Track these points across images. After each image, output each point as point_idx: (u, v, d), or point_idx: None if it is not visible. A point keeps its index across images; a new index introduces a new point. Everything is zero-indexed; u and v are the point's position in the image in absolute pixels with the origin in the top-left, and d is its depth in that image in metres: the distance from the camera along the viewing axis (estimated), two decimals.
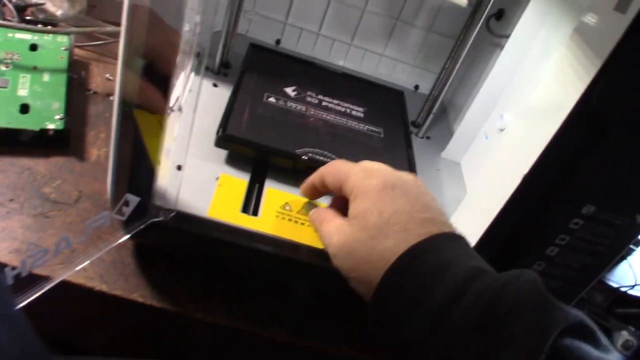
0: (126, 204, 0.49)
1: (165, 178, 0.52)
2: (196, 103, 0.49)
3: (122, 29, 0.43)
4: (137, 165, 0.50)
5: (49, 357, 0.35)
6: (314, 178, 0.53)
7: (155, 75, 0.45)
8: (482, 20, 0.68)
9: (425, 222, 0.43)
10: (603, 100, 0.44)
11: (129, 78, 0.45)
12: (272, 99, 0.67)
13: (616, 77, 0.43)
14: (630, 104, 0.44)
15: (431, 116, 0.76)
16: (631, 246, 0.75)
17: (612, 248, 0.52)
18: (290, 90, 0.70)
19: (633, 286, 0.71)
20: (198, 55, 0.48)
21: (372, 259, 0.42)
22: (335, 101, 0.72)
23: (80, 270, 0.53)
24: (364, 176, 0.47)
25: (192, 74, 0.49)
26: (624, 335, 0.69)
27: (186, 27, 0.45)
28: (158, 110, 0.48)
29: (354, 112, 0.71)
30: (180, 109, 0.49)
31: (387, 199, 0.44)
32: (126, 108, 0.47)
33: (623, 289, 0.71)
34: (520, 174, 0.49)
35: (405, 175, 0.48)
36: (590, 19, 0.48)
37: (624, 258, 0.75)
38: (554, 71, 0.51)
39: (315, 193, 0.55)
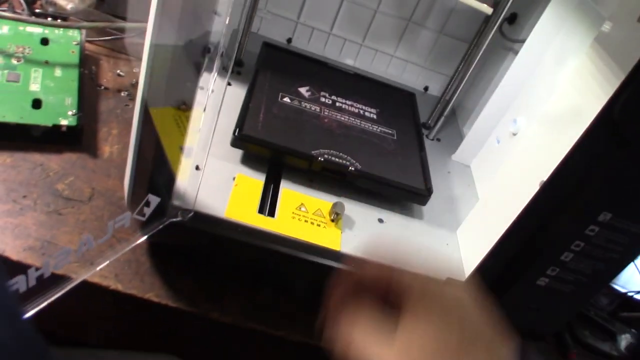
0: (147, 204, 0.49)
1: (184, 178, 0.52)
2: (221, 104, 0.49)
3: (149, 26, 0.43)
4: (156, 166, 0.50)
5: (50, 354, 0.35)
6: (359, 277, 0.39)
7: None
8: (497, 25, 0.68)
9: None
10: (625, 112, 0.44)
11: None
12: (286, 99, 0.67)
13: (638, 89, 0.43)
14: None
15: (442, 119, 0.76)
16: None
17: (624, 255, 0.53)
18: (304, 91, 0.70)
19: (639, 291, 0.72)
20: (222, 55, 0.48)
21: None
22: (349, 102, 0.72)
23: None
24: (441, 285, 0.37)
25: (216, 75, 0.49)
26: (628, 338, 0.70)
27: (214, 29, 0.45)
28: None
29: (367, 114, 0.71)
30: (204, 109, 0.49)
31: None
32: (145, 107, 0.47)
33: (630, 294, 0.72)
34: (537, 179, 0.50)
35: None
36: (611, 29, 0.48)
37: (634, 264, 0.76)
38: (572, 79, 0.52)
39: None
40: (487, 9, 0.60)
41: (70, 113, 0.61)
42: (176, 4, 0.46)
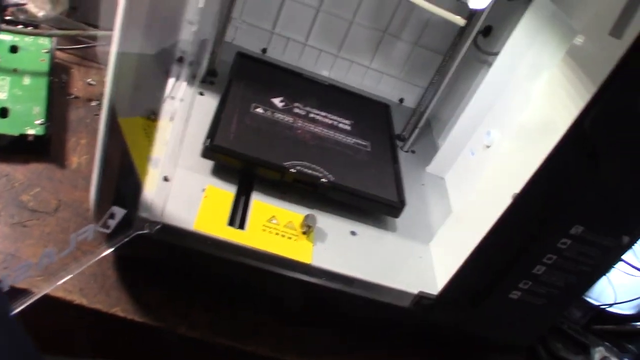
0: (111, 216, 0.47)
1: (151, 189, 0.51)
2: (188, 113, 0.48)
3: (115, 33, 0.42)
4: (123, 176, 0.49)
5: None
6: None
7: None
8: (471, 37, 0.68)
9: None
10: (595, 125, 0.44)
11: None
12: (259, 110, 0.66)
13: (611, 103, 0.43)
14: (622, 129, 0.44)
15: (417, 130, 0.76)
16: None
17: (596, 268, 0.53)
18: (277, 101, 0.69)
19: (612, 304, 0.72)
20: (191, 64, 0.47)
21: None
22: (323, 113, 0.71)
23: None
24: None
25: (185, 84, 0.48)
26: (601, 351, 0.70)
27: (186, 38, 0.44)
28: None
29: (341, 125, 0.71)
30: (171, 118, 0.48)
31: None
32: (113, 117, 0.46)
33: (603, 307, 0.72)
34: (510, 192, 0.50)
35: None
36: (583, 42, 0.48)
37: (606, 277, 0.76)
38: (545, 92, 0.52)
39: None
40: (459, 20, 0.60)
41: (37, 122, 0.60)
42: (145, 12, 0.45)
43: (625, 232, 0.51)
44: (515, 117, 0.60)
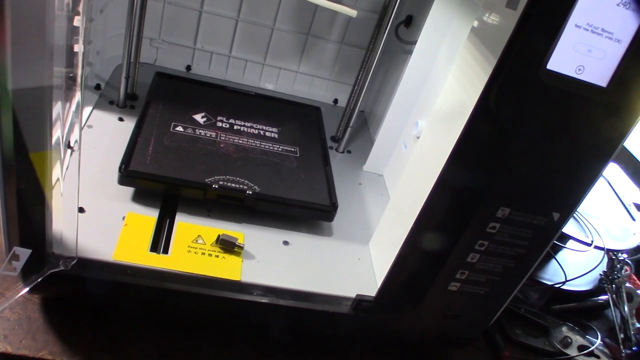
0: (16, 257, 0.45)
1: (66, 223, 0.49)
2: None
3: None
4: (33, 214, 0.47)
5: None
6: None
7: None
8: (388, 28, 0.66)
9: None
10: (499, 98, 0.43)
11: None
12: (179, 128, 0.64)
13: (511, 75, 0.42)
14: (527, 101, 0.43)
15: (349, 129, 0.74)
16: (558, 243, 0.74)
17: (532, 249, 0.51)
18: (199, 117, 0.67)
19: (563, 282, 0.70)
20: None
21: None
22: (248, 124, 0.70)
23: None
24: None
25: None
26: (563, 331, 0.68)
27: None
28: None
29: (267, 133, 0.69)
30: (70, 147, 0.46)
31: None
32: (14, 156, 0.44)
33: (556, 286, 0.71)
34: (434, 181, 0.48)
35: None
36: (485, 17, 0.47)
37: (552, 256, 0.74)
38: (455, 73, 0.50)
39: None
40: (351, 12, 0.58)
41: None
42: (32, 45, 0.43)
43: (555, 209, 0.49)
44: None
